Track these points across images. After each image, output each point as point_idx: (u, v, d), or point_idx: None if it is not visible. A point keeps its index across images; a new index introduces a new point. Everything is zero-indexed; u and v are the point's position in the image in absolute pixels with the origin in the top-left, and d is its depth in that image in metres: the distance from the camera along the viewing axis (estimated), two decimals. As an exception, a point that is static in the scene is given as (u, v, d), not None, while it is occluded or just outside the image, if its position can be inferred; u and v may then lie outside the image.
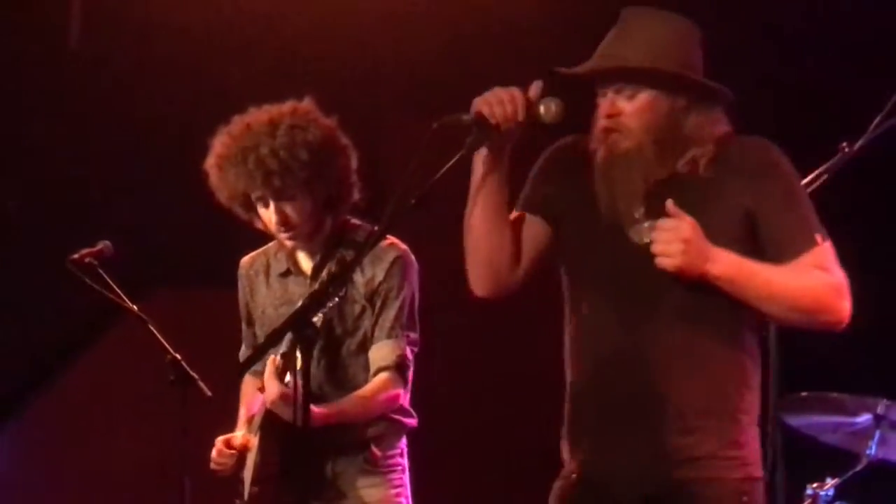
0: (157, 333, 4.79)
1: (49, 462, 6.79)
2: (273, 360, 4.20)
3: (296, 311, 3.44)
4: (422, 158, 3.30)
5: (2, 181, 6.55)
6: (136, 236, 5.70)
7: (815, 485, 4.77)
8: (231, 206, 4.44)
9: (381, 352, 4.36)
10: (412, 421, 4.48)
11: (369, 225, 4.41)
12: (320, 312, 3.98)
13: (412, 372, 4.41)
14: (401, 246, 4.41)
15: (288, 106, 4.39)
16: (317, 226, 4.40)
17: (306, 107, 4.40)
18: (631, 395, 3.51)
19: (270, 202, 4.33)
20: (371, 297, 4.37)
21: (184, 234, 6.52)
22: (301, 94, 4.45)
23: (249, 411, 4.50)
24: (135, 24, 6.43)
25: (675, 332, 3.48)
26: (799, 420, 4.90)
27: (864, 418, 4.86)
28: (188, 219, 6.29)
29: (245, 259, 4.63)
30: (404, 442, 4.49)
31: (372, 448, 4.38)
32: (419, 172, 3.29)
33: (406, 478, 4.47)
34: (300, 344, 3.38)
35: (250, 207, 4.41)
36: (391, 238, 4.39)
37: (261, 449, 4.29)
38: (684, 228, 3.37)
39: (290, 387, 4.08)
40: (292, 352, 3.98)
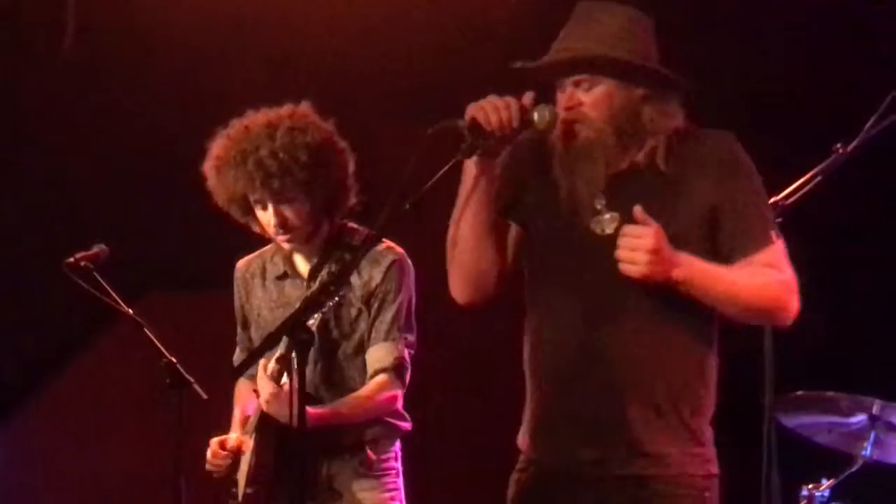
0: (153, 336, 4.79)
1: (45, 465, 6.79)
2: (264, 365, 4.20)
3: (292, 315, 3.44)
4: (417, 164, 3.31)
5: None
6: (132, 240, 5.69)
7: (811, 486, 4.78)
8: (228, 209, 4.44)
9: (379, 353, 4.36)
10: (406, 424, 4.48)
11: (366, 229, 4.42)
12: (317, 315, 4.00)
13: (409, 374, 4.42)
14: (398, 249, 4.42)
15: (286, 109, 4.39)
16: (315, 228, 4.40)
17: (304, 110, 4.41)
18: (593, 391, 3.52)
19: (269, 204, 4.33)
20: (368, 300, 4.37)
21: (179, 238, 6.52)
22: (295, 99, 4.45)
23: (244, 413, 4.51)
24: (129, 29, 6.42)
25: (638, 326, 3.51)
26: (794, 420, 4.91)
27: (860, 419, 4.87)
28: (183, 222, 6.29)
29: (241, 262, 4.63)
30: (398, 445, 4.49)
31: (367, 451, 4.38)
32: (414, 177, 3.30)
33: (400, 481, 4.47)
34: (296, 347, 3.39)
35: (248, 210, 4.41)
36: (388, 242, 4.40)
37: (256, 450, 4.29)
38: (651, 238, 3.37)
39: (288, 389, 4.08)
40: (288, 355, 3.99)
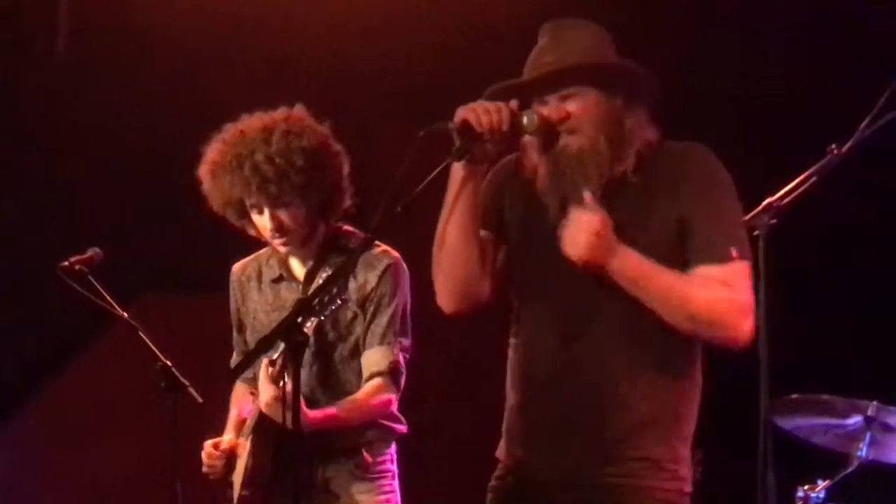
0: (148, 340, 4.78)
1: (41, 468, 6.78)
2: (266, 365, 4.20)
3: (286, 318, 3.44)
4: (408, 166, 3.31)
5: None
6: (126, 243, 5.69)
7: (806, 487, 4.78)
8: (223, 213, 4.44)
9: (374, 357, 4.36)
10: (402, 427, 4.48)
11: (362, 232, 4.41)
12: (314, 318, 3.97)
13: (404, 378, 4.42)
14: (393, 253, 4.42)
15: (281, 113, 4.39)
16: (310, 232, 4.40)
17: (299, 113, 4.40)
18: (569, 404, 3.55)
19: (265, 209, 4.32)
20: (363, 304, 4.37)
21: (173, 241, 6.51)
22: (289, 101, 4.45)
23: (240, 415, 4.50)
24: (125, 30, 6.42)
25: (611, 335, 3.52)
26: (790, 422, 4.91)
27: (855, 420, 4.87)
28: (178, 225, 6.29)
29: (237, 265, 4.62)
30: (394, 448, 4.49)
31: (363, 454, 4.38)
32: (406, 180, 3.31)
33: (395, 484, 4.47)
34: (290, 350, 3.38)
35: (243, 214, 4.41)
36: (383, 245, 4.40)
37: (253, 453, 4.29)
38: (595, 223, 3.42)
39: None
40: (285, 357, 3.99)
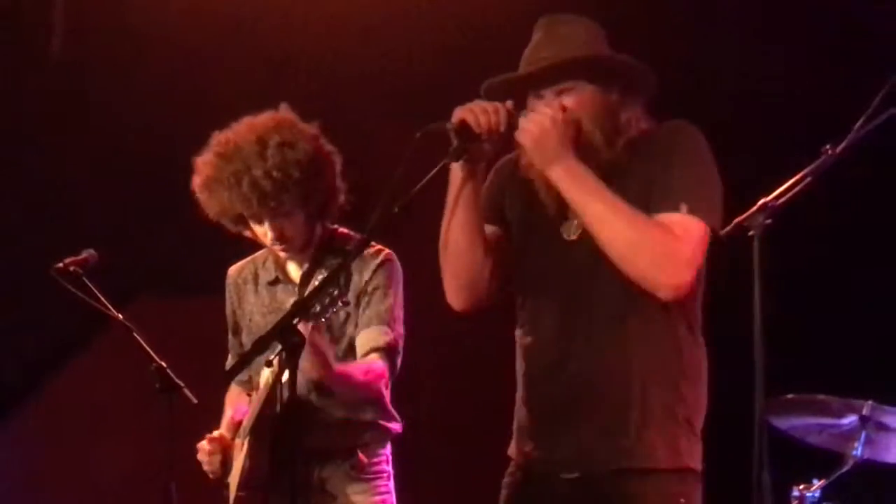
0: (143, 341, 4.78)
1: (36, 470, 6.78)
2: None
3: (281, 319, 3.44)
4: (406, 167, 3.32)
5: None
6: (121, 245, 5.68)
7: (802, 486, 4.78)
8: (219, 221, 4.42)
9: (372, 334, 4.33)
10: (397, 426, 4.48)
11: (358, 234, 4.41)
12: (313, 322, 3.94)
13: (399, 362, 4.39)
14: (387, 251, 4.42)
15: (270, 119, 4.35)
16: (310, 235, 4.41)
17: (289, 118, 4.37)
18: (567, 395, 3.58)
19: (265, 220, 4.32)
20: (357, 300, 4.35)
21: (168, 243, 6.51)
22: (287, 102, 4.43)
23: (234, 416, 4.50)
24: (117, 32, 6.41)
25: (607, 330, 3.54)
26: (785, 422, 4.91)
27: (850, 420, 4.87)
28: (173, 227, 6.28)
29: (233, 268, 4.62)
30: (389, 448, 4.49)
31: (359, 455, 4.38)
32: (404, 181, 3.32)
33: (391, 484, 4.47)
34: (286, 351, 3.38)
35: (240, 221, 4.40)
36: (377, 245, 4.40)
37: (250, 454, 4.28)
38: (549, 121, 3.44)
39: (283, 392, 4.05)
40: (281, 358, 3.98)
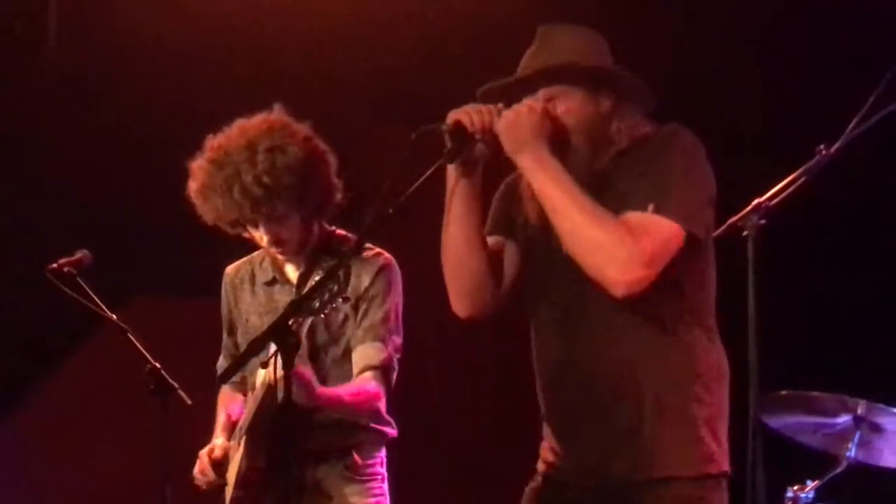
0: (137, 342, 4.77)
1: (30, 471, 6.77)
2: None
3: (277, 319, 3.43)
4: (401, 168, 3.33)
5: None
6: (115, 245, 5.67)
7: (796, 487, 4.78)
8: (217, 225, 4.42)
9: (368, 352, 4.34)
10: (392, 431, 4.48)
11: (354, 235, 4.40)
12: (313, 317, 3.92)
13: (395, 377, 4.41)
14: (386, 255, 4.42)
15: (262, 122, 4.34)
16: (307, 236, 4.40)
17: (280, 120, 4.36)
18: (576, 402, 3.59)
19: (260, 225, 4.32)
20: (356, 305, 4.36)
21: (163, 243, 6.51)
22: (276, 99, 4.42)
23: (229, 417, 4.50)
24: (111, 33, 6.41)
25: (607, 335, 3.54)
26: (779, 421, 4.90)
27: (845, 419, 4.87)
28: (167, 227, 6.27)
29: (230, 267, 4.62)
30: (384, 451, 4.49)
31: (354, 456, 4.37)
32: (400, 182, 3.32)
33: (385, 487, 4.47)
34: (281, 352, 3.38)
35: (237, 224, 4.39)
36: (377, 248, 4.40)
37: (246, 454, 4.28)
38: (526, 109, 3.48)
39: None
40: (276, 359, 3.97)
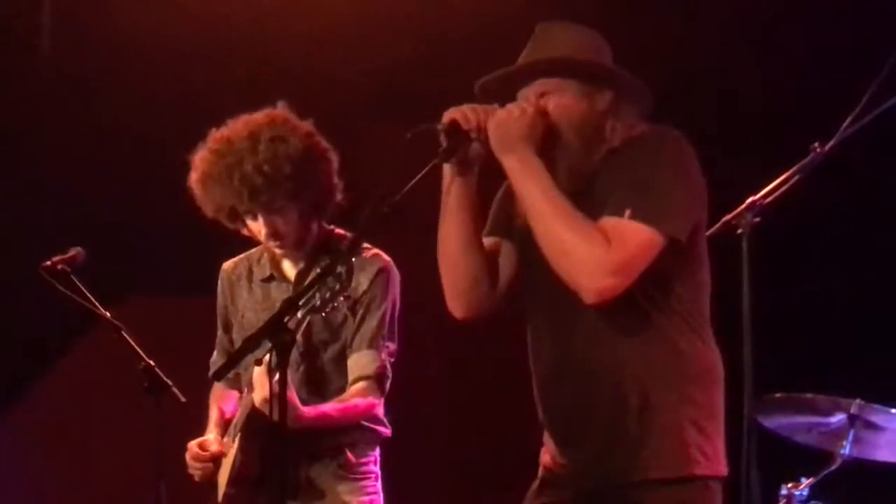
0: (131, 340, 4.77)
1: (24, 470, 6.76)
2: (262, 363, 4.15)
3: (272, 317, 3.43)
4: (398, 167, 3.33)
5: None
6: (109, 243, 5.67)
7: (790, 485, 4.80)
8: (216, 218, 4.42)
9: (362, 361, 4.35)
10: (386, 430, 4.48)
11: (353, 234, 4.40)
12: (312, 315, 3.91)
13: (389, 382, 4.41)
14: (384, 257, 4.42)
15: (265, 116, 4.36)
16: (305, 233, 4.40)
17: (283, 115, 4.38)
18: (568, 403, 3.59)
19: (259, 215, 4.32)
20: (353, 307, 4.36)
21: (157, 241, 6.51)
22: (274, 98, 4.43)
23: (222, 413, 4.50)
24: (106, 30, 6.41)
25: (595, 337, 3.53)
26: (773, 421, 4.92)
27: (838, 418, 4.88)
28: (162, 225, 6.29)
29: (227, 263, 4.62)
30: (377, 450, 4.49)
31: (347, 454, 4.38)
32: (397, 181, 3.32)
33: (379, 486, 4.47)
34: (276, 349, 3.38)
35: (236, 217, 4.40)
36: (375, 249, 4.40)
37: (241, 450, 4.28)
38: (518, 110, 3.48)
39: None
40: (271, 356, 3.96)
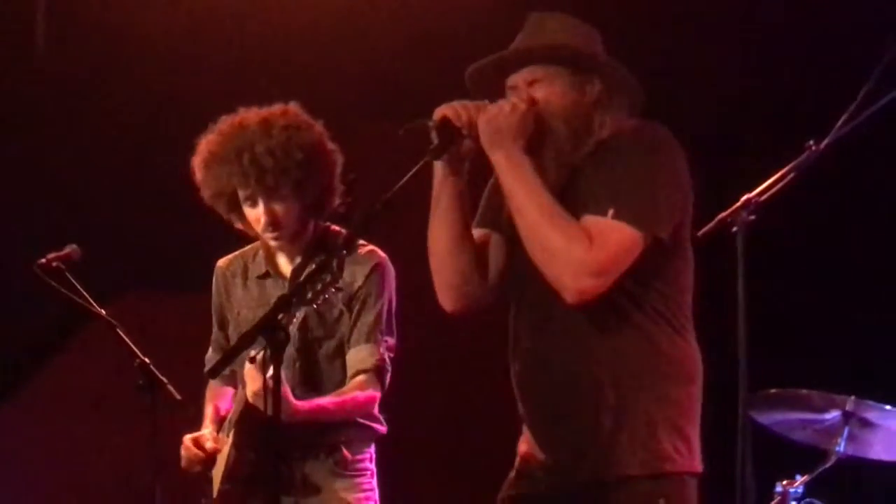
0: (126, 337, 4.77)
1: (19, 468, 6.76)
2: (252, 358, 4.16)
3: (267, 314, 3.43)
4: (389, 164, 3.34)
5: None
6: (104, 240, 5.67)
7: (785, 482, 4.80)
8: (213, 204, 4.42)
9: (361, 355, 4.36)
10: (382, 427, 4.48)
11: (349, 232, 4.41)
12: (304, 308, 3.91)
13: (388, 377, 4.42)
14: (380, 253, 4.43)
15: (278, 108, 4.40)
16: (302, 229, 4.40)
17: (296, 110, 4.41)
18: (543, 399, 3.60)
19: (260, 201, 4.32)
20: (349, 302, 4.37)
21: (152, 238, 6.50)
22: (267, 97, 4.45)
23: (217, 410, 4.50)
24: (101, 29, 6.41)
25: (572, 332, 3.53)
26: (768, 417, 4.92)
27: (833, 415, 4.89)
28: (157, 222, 6.28)
29: (222, 260, 4.61)
30: (373, 448, 4.49)
31: (343, 451, 4.38)
32: (387, 178, 3.33)
33: (374, 482, 4.47)
34: (270, 346, 3.38)
35: (234, 206, 4.40)
36: (370, 245, 4.41)
37: (236, 446, 4.28)
38: (509, 107, 3.49)
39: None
40: (266, 353, 3.96)
